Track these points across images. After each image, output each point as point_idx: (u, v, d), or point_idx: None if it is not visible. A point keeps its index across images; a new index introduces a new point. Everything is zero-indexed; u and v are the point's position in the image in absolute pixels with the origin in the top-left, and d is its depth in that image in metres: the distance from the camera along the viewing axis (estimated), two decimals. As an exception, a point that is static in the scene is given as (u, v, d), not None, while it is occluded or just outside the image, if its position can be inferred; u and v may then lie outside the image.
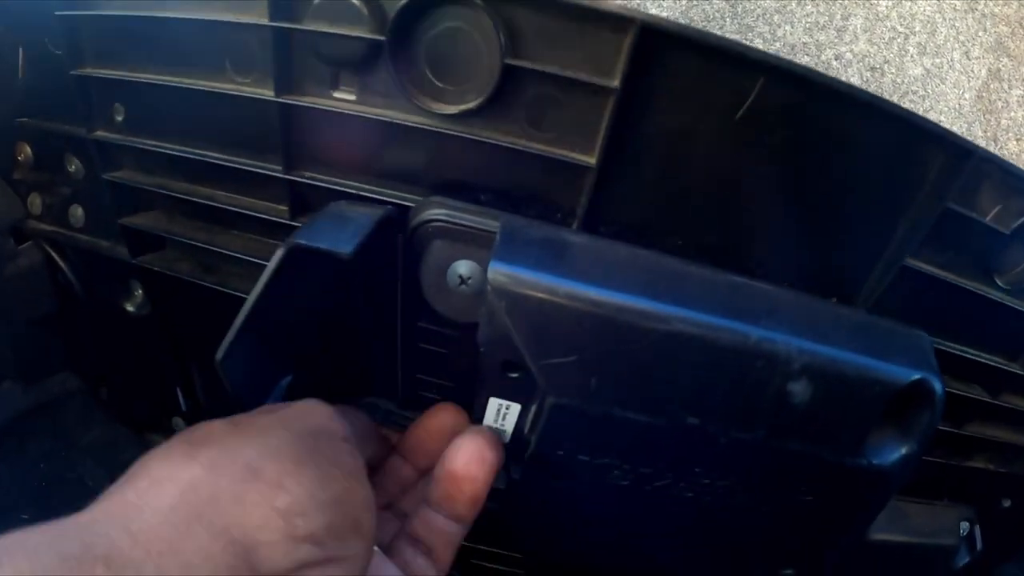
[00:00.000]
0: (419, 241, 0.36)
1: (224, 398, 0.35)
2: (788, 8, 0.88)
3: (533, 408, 0.40)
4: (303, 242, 0.32)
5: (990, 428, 0.49)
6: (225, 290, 0.48)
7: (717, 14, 0.91)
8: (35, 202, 0.57)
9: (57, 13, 0.43)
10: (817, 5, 0.90)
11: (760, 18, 0.87)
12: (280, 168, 0.39)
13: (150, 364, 0.62)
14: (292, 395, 0.39)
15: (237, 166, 0.41)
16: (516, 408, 0.41)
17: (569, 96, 0.34)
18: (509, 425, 0.42)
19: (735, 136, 0.35)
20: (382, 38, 0.32)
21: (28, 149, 0.55)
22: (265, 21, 0.34)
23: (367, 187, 0.38)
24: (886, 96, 0.35)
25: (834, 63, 0.91)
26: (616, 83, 0.32)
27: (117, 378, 0.68)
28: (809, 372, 0.33)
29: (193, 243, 0.47)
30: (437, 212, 0.35)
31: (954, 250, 0.40)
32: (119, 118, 0.46)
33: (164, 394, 0.63)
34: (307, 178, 0.39)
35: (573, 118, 0.34)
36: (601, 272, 0.33)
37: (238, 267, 0.48)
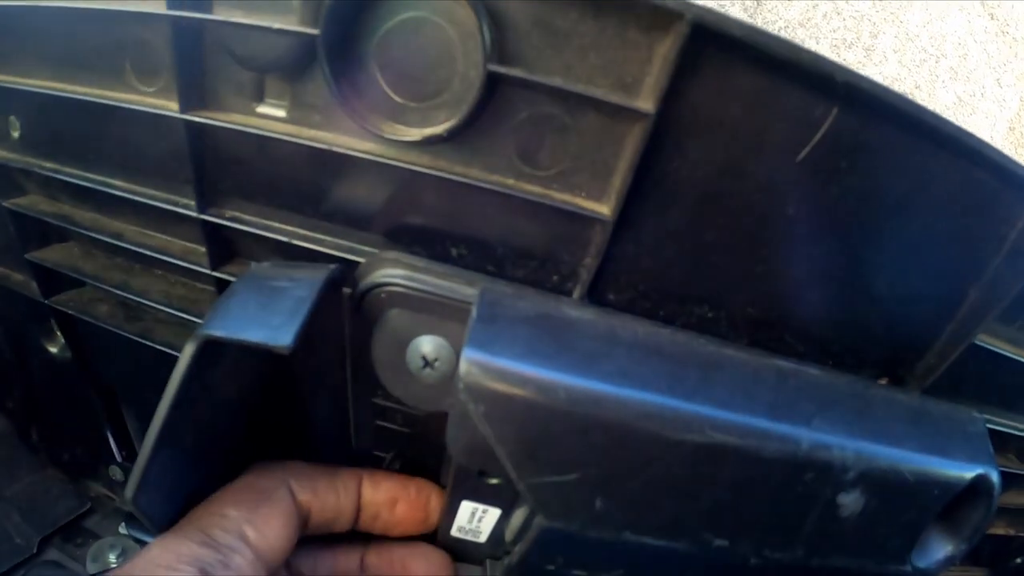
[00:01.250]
0: (370, 308, 0.27)
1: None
2: (812, 21, 0.79)
3: (518, 514, 0.33)
4: (221, 334, 0.24)
5: (1019, 496, 0.45)
6: (146, 342, 0.40)
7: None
8: (-54, 225, 0.49)
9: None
10: (844, 20, 0.82)
11: (782, 31, 0.78)
12: (193, 204, 0.30)
13: (80, 408, 0.54)
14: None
15: (142, 200, 0.32)
16: (495, 512, 0.33)
17: (579, 120, 0.24)
18: (486, 527, 0.35)
19: (791, 184, 0.26)
20: (315, 32, 0.23)
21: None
22: (163, 10, 0.25)
23: (305, 232, 0.29)
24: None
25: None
26: (650, 105, 0.23)
27: (47, 421, 0.61)
28: (865, 481, 0.28)
29: (107, 287, 0.39)
30: (393, 273, 0.26)
31: (1022, 321, 0.35)
32: (15, 134, 0.38)
33: (99, 440, 0.56)
34: (227, 219, 0.30)
35: (582, 151, 0.25)
36: (615, 363, 0.25)
37: (166, 313, 0.40)
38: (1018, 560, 0.51)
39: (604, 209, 0.25)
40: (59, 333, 0.50)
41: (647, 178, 0.25)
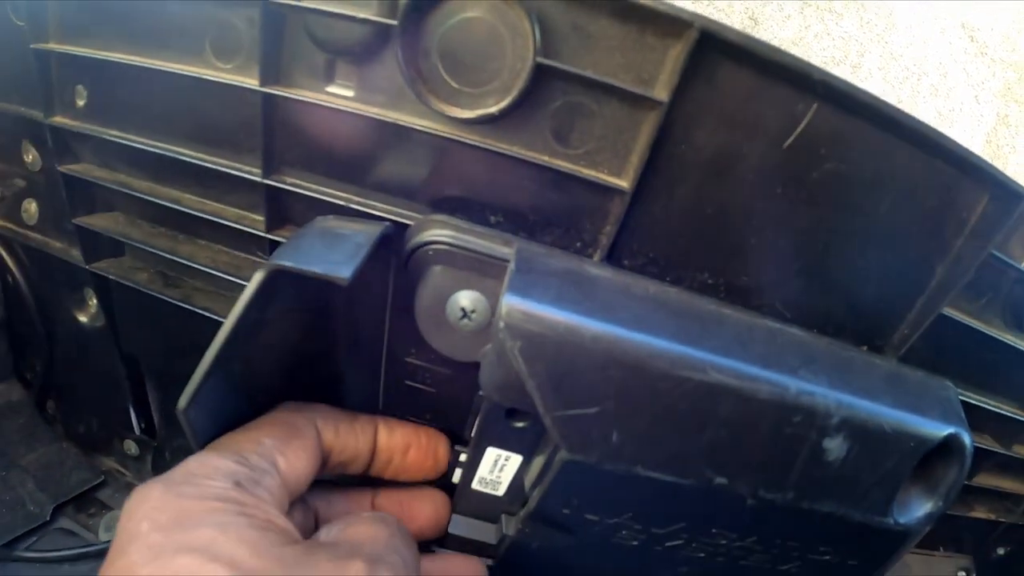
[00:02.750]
0: (416, 265, 0.31)
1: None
2: (805, 40, 0.85)
3: (538, 460, 0.36)
4: (289, 264, 0.27)
5: (997, 478, 0.48)
6: (187, 306, 0.43)
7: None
8: (-12, 194, 0.51)
9: (23, -24, 0.38)
10: (834, 40, 0.88)
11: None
12: (258, 171, 0.34)
13: (102, 380, 0.57)
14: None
15: (209, 165, 0.35)
16: (517, 460, 0.37)
17: (604, 107, 0.29)
18: (506, 477, 0.38)
19: (779, 167, 0.31)
20: (393, 22, 0.27)
21: (-16, 134, 0.50)
22: (255, -3, 0.29)
23: (358, 199, 0.33)
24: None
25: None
26: (664, 95, 0.28)
27: (66, 392, 0.63)
28: (847, 428, 0.31)
29: (154, 251, 0.42)
30: (440, 233, 0.30)
31: (987, 297, 0.39)
32: (80, 103, 0.41)
33: (116, 413, 0.57)
34: (289, 184, 0.34)
35: (606, 133, 0.30)
36: (631, 312, 0.29)
37: (203, 282, 0.44)
38: (1000, 551, 0.54)
39: (624, 183, 0.30)
40: (91, 302, 0.52)
41: (659, 159, 0.30)
